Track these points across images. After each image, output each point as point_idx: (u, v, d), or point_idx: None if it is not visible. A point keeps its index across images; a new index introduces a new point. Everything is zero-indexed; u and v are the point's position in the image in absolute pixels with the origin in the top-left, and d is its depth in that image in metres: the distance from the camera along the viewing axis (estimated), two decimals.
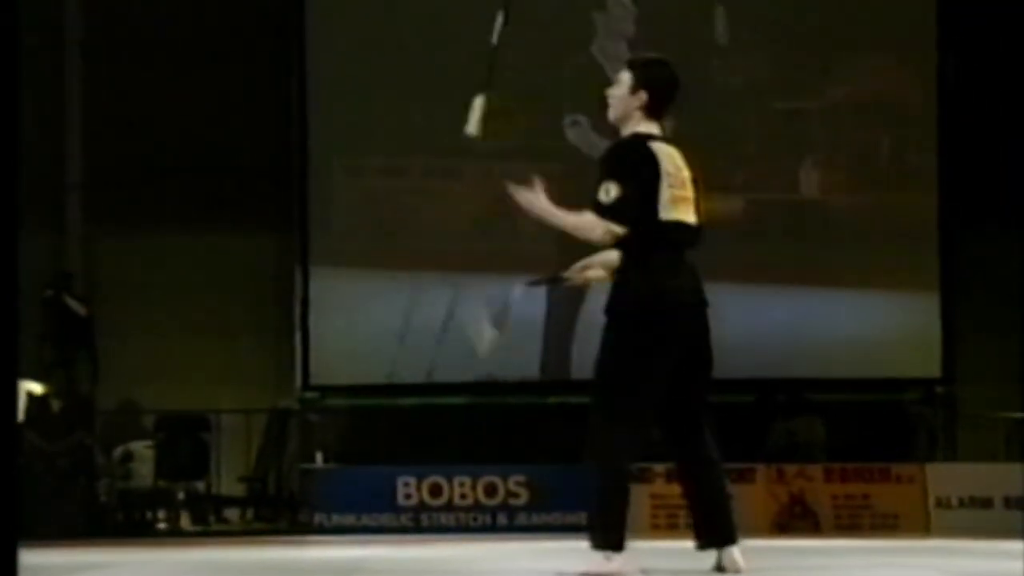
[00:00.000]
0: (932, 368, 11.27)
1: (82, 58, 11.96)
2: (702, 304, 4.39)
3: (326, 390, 11.52)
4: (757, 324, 11.17)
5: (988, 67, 11.27)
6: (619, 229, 4.25)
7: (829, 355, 11.30)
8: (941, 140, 11.38)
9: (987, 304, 11.14)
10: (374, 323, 11.31)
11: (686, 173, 4.37)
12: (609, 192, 4.25)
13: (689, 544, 4.59)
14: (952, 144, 11.34)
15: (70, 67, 11.92)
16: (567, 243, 4.62)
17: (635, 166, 4.28)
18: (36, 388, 10.37)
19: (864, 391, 11.37)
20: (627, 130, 4.40)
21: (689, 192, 4.35)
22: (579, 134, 11.12)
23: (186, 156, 11.63)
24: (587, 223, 4.29)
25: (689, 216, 4.35)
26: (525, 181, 4.42)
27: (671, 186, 4.29)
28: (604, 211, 4.24)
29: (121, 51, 11.76)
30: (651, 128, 4.38)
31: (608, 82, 4.54)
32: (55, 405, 10.56)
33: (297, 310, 11.47)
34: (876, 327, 11.25)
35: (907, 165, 11.62)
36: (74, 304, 11.02)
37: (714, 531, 4.36)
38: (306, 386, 11.46)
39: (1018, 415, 10.63)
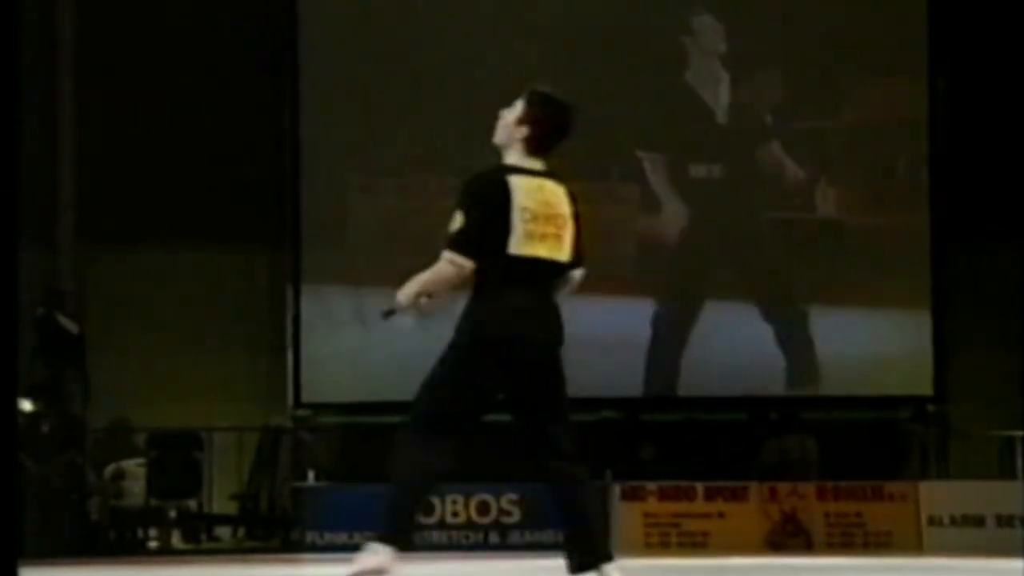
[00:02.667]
0: (924, 386, 11.27)
1: (74, 76, 11.95)
2: (550, 344, 4.32)
3: (318, 408, 11.50)
4: (748, 342, 11.19)
5: (979, 82, 11.32)
6: (464, 262, 4.25)
7: (821, 373, 11.31)
8: (932, 156, 11.41)
9: (979, 322, 11.15)
10: (366, 340, 11.26)
11: (562, 210, 4.31)
12: (454, 222, 4.28)
13: (682, 562, 4.60)
14: (943, 160, 11.37)
15: (62, 85, 11.92)
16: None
17: (481, 197, 4.27)
18: (27, 406, 10.34)
19: (856, 409, 11.37)
20: (504, 158, 4.38)
21: (560, 229, 4.29)
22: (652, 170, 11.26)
23: (178, 174, 11.60)
24: (433, 271, 4.34)
25: (553, 252, 4.29)
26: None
27: (527, 221, 4.24)
28: (449, 242, 4.28)
29: (113, 70, 11.76)
30: (527, 162, 4.33)
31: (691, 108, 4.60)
32: (46, 423, 10.52)
33: (289, 328, 11.45)
34: (868, 345, 11.26)
35: (898, 182, 11.63)
36: (66, 322, 10.99)
37: (584, 551, 4.30)
38: (298, 404, 11.44)
39: (1010, 433, 10.65)
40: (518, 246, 4.22)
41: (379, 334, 11.24)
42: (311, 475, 10.93)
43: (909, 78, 11.52)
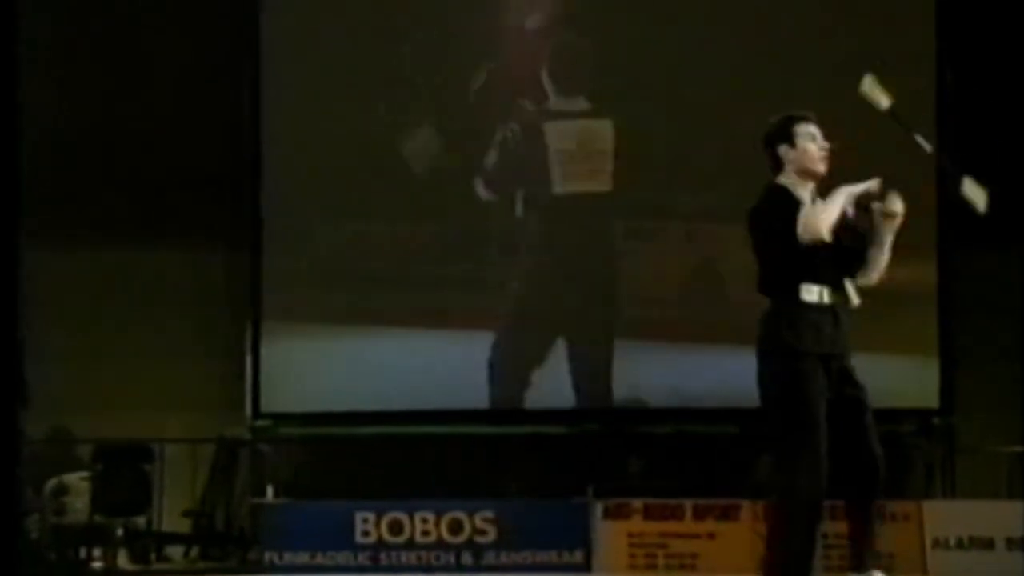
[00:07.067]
0: (929, 398, 11.17)
1: (26, 70, 11.78)
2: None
3: (279, 418, 11.41)
4: (742, 350, 11.08)
5: (981, 71, 11.31)
6: None
7: None
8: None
9: (989, 330, 11.09)
10: (330, 347, 11.23)
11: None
12: None
13: None
14: (951, 160, 11.29)
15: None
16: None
17: None
18: None
19: None
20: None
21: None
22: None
23: (127, 167, 11.51)
24: None
25: None
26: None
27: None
28: None
29: (65, 63, 11.71)
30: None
31: None
32: None
33: (248, 332, 11.37)
34: (869, 354, 11.12)
35: (904, 186, 11.50)
36: None
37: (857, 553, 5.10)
38: (257, 414, 11.35)
39: (1021, 449, 10.64)
40: None
41: (344, 340, 11.30)
42: (270, 491, 10.81)
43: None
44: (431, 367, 11.20)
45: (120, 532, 10.61)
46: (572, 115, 11.26)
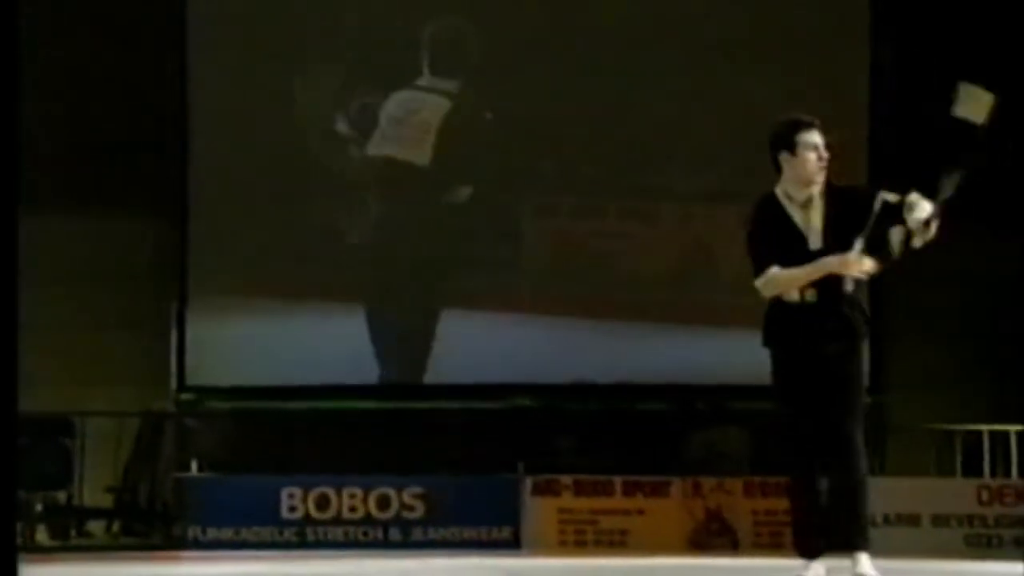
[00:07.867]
0: None
1: None
2: None
3: (204, 391, 11.32)
4: (673, 326, 11.16)
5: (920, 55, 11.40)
6: None
7: (752, 360, 11.24)
8: (872, 142, 11.42)
9: (917, 309, 11.19)
10: (258, 319, 11.12)
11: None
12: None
13: (598, 562, 4.67)
14: (881, 146, 11.40)
15: None
16: None
17: None
18: None
19: None
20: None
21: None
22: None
23: (54, 137, 11.22)
24: None
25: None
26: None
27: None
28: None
29: None
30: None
31: None
32: None
33: (175, 304, 11.26)
34: None
35: (836, 166, 11.61)
36: None
37: (834, 535, 5.31)
38: (182, 387, 11.24)
39: (949, 427, 10.74)
40: None
41: (271, 314, 11.19)
42: (195, 465, 10.72)
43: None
44: (358, 342, 11.16)
45: (39, 507, 10.46)
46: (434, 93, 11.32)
